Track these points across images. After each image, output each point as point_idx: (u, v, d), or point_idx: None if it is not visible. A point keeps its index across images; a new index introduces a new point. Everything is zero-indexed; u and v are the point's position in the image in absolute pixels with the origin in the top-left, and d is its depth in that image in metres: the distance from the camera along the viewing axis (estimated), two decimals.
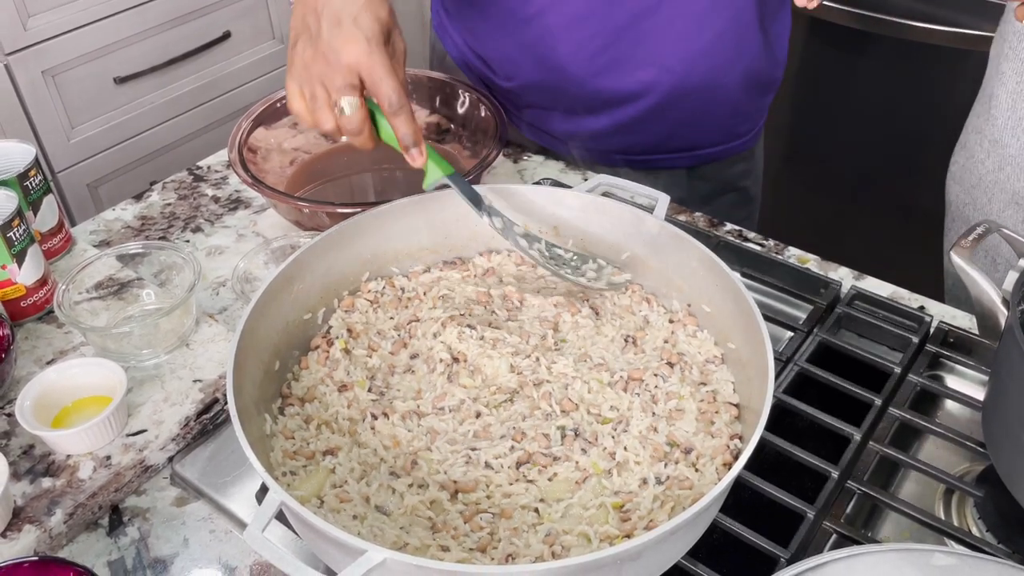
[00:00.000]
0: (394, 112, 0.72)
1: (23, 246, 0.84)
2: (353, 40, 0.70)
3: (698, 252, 0.74)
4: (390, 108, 0.71)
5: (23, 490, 0.71)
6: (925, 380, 0.79)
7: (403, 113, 0.72)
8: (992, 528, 0.69)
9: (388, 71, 0.71)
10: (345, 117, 0.71)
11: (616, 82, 1.03)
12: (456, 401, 0.69)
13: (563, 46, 1.01)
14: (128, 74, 1.87)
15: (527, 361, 0.71)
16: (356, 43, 0.70)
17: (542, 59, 1.03)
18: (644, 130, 1.08)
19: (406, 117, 0.72)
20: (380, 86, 0.71)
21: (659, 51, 1.00)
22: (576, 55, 1.01)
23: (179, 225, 1.04)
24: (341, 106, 0.71)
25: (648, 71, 1.01)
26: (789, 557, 0.64)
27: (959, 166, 1.03)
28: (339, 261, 0.79)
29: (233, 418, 0.59)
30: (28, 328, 0.86)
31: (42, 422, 0.74)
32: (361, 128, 0.73)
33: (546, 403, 0.69)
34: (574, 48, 1.00)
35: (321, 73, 0.71)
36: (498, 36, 1.06)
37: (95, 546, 0.71)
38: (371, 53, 0.70)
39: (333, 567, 0.60)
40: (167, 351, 0.83)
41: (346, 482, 0.64)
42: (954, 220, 1.05)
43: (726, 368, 0.72)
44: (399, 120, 0.72)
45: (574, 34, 1.00)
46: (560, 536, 0.61)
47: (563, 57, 1.02)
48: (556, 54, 1.02)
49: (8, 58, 1.70)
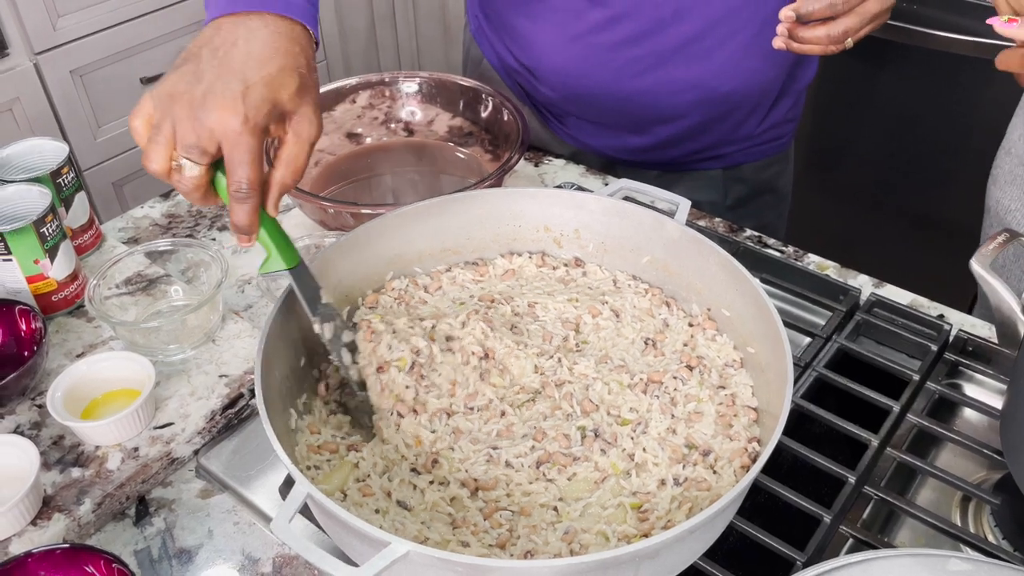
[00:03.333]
0: (236, 199, 0.63)
1: (56, 241, 0.85)
2: (230, 111, 0.60)
3: (718, 257, 0.74)
4: (236, 195, 0.62)
5: (53, 479, 0.73)
6: (943, 388, 0.79)
7: (247, 203, 0.63)
8: (1009, 536, 0.69)
9: (251, 159, 0.61)
10: (178, 176, 0.63)
11: (662, 102, 1.04)
12: (485, 400, 0.70)
13: (612, 64, 1.02)
14: (154, 75, 1.90)
15: (550, 362, 0.72)
16: (231, 116, 0.60)
17: (590, 76, 1.04)
18: (684, 145, 1.10)
19: (247, 209, 0.63)
20: (236, 169, 0.62)
21: (707, 73, 1.01)
22: (624, 73, 1.02)
23: (205, 223, 1.06)
24: (180, 163, 0.62)
25: (695, 92, 1.03)
26: (805, 560, 0.65)
27: (1003, 170, 1.01)
28: (363, 260, 0.80)
29: (261, 411, 0.61)
30: (59, 322, 0.88)
31: (72, 413, 0.75)
32: (191, 192, 0.64)
33: (567, 404, 0.70)
34: (623, 66, 1.02)
35: (179, 117, 0.61)
36: (547, 50, 1.06)
37: (122, 535, 0.72)
38: (241, 133, 0.61)
39: (356, 559, 0.61)
40: (194, 346, 0.85)
41: (368, 476, 0.66)
42: (992, 225, 1.04)
43: (745, 372, 0.73)
44: (239, 208, 0.63)
45: (624, 53, 1.01)
46: (579, 535, 0.62)
47: (611, 75, 1.03)
48: (605, 72, 1.03)
49: (38, 57, 1.73)
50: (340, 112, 1.13)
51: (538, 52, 1.08)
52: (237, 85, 0.61)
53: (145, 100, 0.64)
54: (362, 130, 1.14)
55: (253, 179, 0.62)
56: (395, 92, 1.14)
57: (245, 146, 0.61)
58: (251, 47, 0.63)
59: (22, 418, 0.78)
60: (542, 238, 0.85)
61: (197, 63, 0.63)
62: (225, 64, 0.62)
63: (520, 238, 0.85)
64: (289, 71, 0.64)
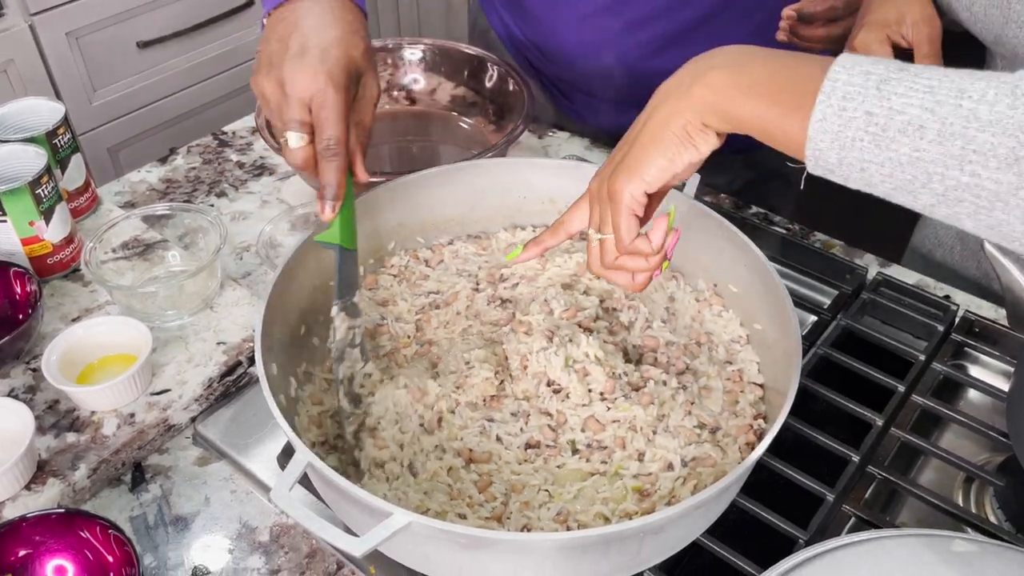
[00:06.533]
0: (325, 157, 0.67)
1: (51, 203, 0.84)
2: (311, 73, 0.66)
3: (727, 232, 0.73)
4: (323, 152, 0.67)
5: (48, 444, 0.72)
6: (949, 368, 0.78)
7: (334, 161, 0.67)
8: (1012, 517, 0.69)
9: (338, 115, 0.66)
10: (288, 150, 0.68)
11: None
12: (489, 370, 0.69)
13: (620, 46, 1.01)
14: (151, 39, 1.86)
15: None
16: (313, 77, 0.65)
17: (597, 56, 1.04)
18: None
19: (336, 167, 0.67)
20: (323, 127, 0.66)
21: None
22: (632, 55, 1.01)
23: (203, 189, 1.04)
24: (286, 138, 0.67)
25: None
26: (808, 539, 0.65)
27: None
28: (364, 231, 0.79)
29: (262, 379, 0.60)
30: (54, 285, 0.87)
31: (68, 378, 0.74)
32: (305, 164, 0.69)
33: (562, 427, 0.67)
34: (631, 48, 1.01)
35: (274, 105, 0.68)
36: (556, 29, 1.06)
37: (117, 501, 0.72)
38: (326, 92, 0.66)
39: (356, 529, 0.60)
40: (191, 313, 0.83)
41: (380, 423, 0.65)
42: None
43: (751, 348, 0.72)
44: (328, 167, 0.67)
45: (633, 35, 1.00)
46: (576, 515, 0.61)
47: (618, 56, 1.02)
48: (612, 53, 1.02)
49: (33, 18, 1.70)
50: None
51: (546, 30, 1.07)
52: (314, 51, 0.66)
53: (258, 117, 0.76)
54: None
55: (340, 136, 0.66)
56: (397, 59, 1.12)
57: (331, 104, 0.66)
58: (314, 21, 0.68)
59: (17, 382, 0.77)
60: (547, 210, 0.84)
61: (269, 51, 0.68)
62: (296, 41, 0.67)
63: (524, 210, 0.84)
64: (354, 34, 0.69)
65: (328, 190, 0.67)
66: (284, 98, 0.66)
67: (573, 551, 0.56)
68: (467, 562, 0.57)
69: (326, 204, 0.68)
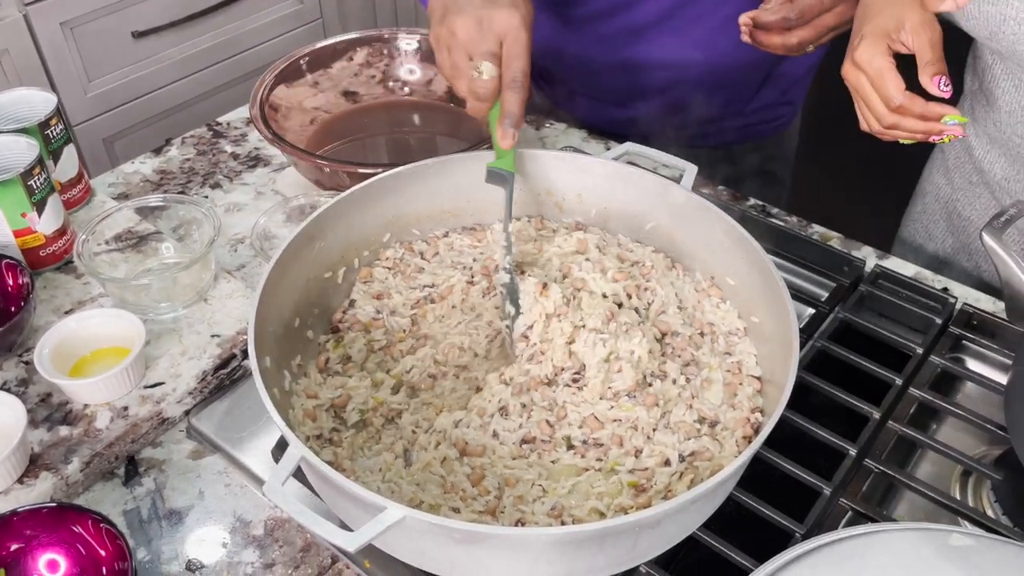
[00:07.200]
0: (512, 88, 0.74)
1: (43, 195, 0.83)
2: (509, 13, 0.74)
3: (725, 224, 0.73)
4: (510, 83, 0.74)
5: (40, 437, 0.72)
6: (947, 361, 0.78)
7: (521, 92, 0.75)
8: (1009, 511, 0.68)
9: (526, 52, 0.75)
10: (479, 80, 0.74)
11: (639, 78, 1.04)
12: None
13: (585, 38, 1.02)
14: (146, 29, 1.85)
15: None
16: (511, 16, 0.74)
17: (565, 48, 1.04)
18: (668, 121, 1.09)
19: (520, 98, 0.75)
20: (514, 61, 0.74)
21: (680, 52, 1.01)
22: (598, 48, 1.02)
23: (197, 180, 1.04)
24: (480, 69, 0.74)
25: (669, 71, 1.03)
26: (804, 532, 0.64)
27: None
28: (360, 221, 0.78)
29: (255, 372, 0.59)
30: (47, 277, 0.86)
31: (60, 371, 0.74)
32: (491, 96, 0.75)
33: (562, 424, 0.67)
34: (596, 41, 1.01)
35: (468, 40, 0.75)
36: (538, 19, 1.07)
37: (111, 495, 0.71)
38: (520, 29, 0.74)
39: (350, 523, 0.60)
40: (185, 305, 0.83)
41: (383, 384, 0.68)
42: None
43: (748, 341, 0.72)
44: (513, 97, 0.74)
45: (597, 28, 1.01)
46: (571, 509, 0.61)
47: (585, 49, 1.03)
48: (578, 45, 1.03)
49: (27, 8, 1.69)
50: (336, 69, 1.10)
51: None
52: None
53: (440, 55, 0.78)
54: (359, 88, 1.11)
55: (526, 69, 0.75)
56: (393, 50, 1.11)
57: (522, 41, 0.74)
58: None
59: (9, 374, 0.77)
60: (544, 202, 0.84)
61: (456, 4, 0.76)
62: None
63: (520, 201, 0.84)
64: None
65: (510, 118, 0.74)
66: (481, 34, 0.74)
67: (569, 546, 0.55)
68: (461, 556, 0.57)
69: (508, 132, 0.75)
